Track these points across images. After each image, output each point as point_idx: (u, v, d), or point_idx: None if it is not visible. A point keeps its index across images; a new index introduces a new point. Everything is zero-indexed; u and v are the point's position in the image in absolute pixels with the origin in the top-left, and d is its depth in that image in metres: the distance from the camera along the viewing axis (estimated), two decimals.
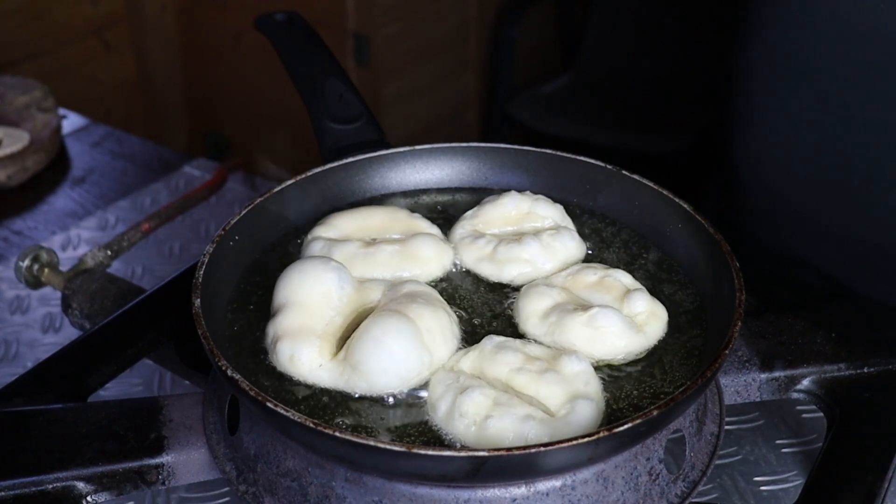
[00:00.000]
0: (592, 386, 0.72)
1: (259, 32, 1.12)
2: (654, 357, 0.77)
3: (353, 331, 0.75)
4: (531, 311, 0.80)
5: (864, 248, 1.10)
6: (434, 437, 0.69)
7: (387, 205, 0.96)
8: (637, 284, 0.82)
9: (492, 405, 0.69)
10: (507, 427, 0.67)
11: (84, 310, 1.00)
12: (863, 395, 0.81)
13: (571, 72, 3.09)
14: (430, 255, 0.85)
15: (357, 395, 0.72)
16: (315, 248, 0.85)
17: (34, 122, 1.54)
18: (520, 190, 0.93)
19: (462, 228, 0.91)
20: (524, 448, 0.62)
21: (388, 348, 0.71)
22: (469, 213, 0.92)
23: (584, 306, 0.79)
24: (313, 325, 0.75)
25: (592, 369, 0.74)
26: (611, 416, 0.72)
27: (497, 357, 0.73)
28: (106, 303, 0.99)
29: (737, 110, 1.17)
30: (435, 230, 0.90)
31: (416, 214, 0.91)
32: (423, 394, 0.72)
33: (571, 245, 0.88)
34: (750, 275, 0.80)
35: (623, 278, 0.83)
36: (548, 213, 0.91)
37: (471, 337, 0.78)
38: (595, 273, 0.83)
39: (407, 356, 0.71)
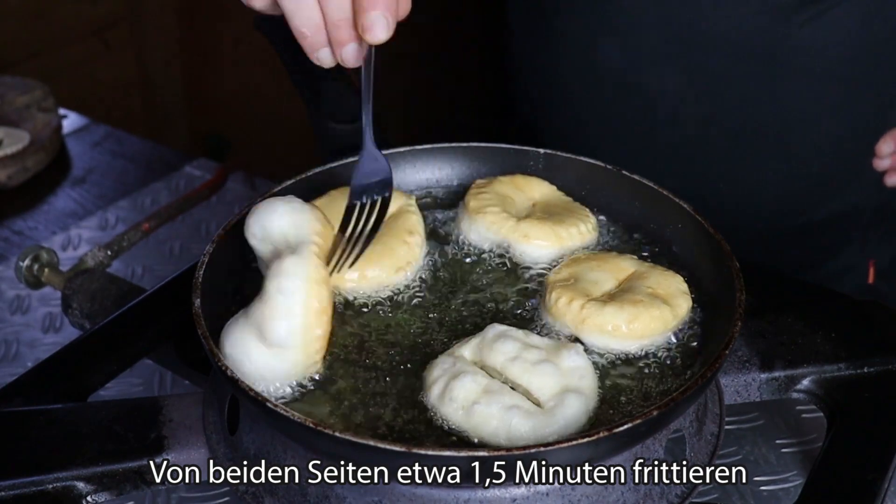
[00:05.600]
0: (587, 381, 0.72)
1: (259, 32, 1.12)
2: (650, 356, 0.77)
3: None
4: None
5: None
6: (426, 420, 0.71)
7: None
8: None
9: (481, 392, 0.70)
10: (493, 414, 0.68)
11: (84, 310, 1.00)
12: (863, 395, 0.81)
13: None
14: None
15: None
16: None
17: (34, 122, 1.54)
18: None
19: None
20: (524, 448, 0.62)
21: None
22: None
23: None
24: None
25: (591, 364, 0.74)
26: (600, 415, 0.71)
27: (495, 346, 0.73)
28: (106, 303, 0.99)
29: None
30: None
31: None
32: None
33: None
34: None
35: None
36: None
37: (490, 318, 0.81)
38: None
39: None
